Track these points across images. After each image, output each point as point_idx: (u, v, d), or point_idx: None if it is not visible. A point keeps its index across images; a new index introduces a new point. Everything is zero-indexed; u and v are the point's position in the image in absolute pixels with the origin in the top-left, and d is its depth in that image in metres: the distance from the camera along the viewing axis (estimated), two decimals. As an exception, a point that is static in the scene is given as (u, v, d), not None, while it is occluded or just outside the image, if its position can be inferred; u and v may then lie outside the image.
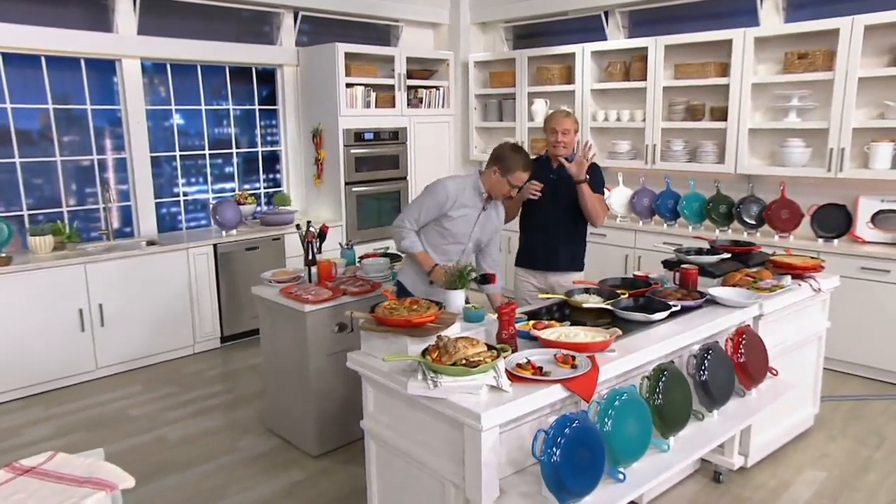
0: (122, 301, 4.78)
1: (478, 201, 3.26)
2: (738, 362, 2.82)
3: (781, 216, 4.90)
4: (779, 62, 4.98)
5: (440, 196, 3.18)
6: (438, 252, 3.28)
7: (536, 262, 3.74)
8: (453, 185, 3.21)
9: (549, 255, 3.70)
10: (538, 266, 3.74)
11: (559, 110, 3.64)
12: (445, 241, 3.26)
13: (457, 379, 2.13)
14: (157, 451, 3.70)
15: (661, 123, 5.57)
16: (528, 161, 3.18)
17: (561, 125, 3.54)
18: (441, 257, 3.27)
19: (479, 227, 3.30)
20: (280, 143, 6.41)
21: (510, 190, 3.20)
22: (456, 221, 3.21)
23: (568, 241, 3.72)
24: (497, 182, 3.20)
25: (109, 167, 5.44)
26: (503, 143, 3.25)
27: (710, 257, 3.51)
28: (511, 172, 3.14)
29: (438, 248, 3.28)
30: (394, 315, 2.43)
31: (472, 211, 3.25)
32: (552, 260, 3.71)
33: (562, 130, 3.53)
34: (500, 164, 3.17)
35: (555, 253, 3.69)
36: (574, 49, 6.05)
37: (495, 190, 3.23)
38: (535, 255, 3.74)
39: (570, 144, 3.59)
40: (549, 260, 3.71)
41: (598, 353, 2.46)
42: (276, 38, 6.18)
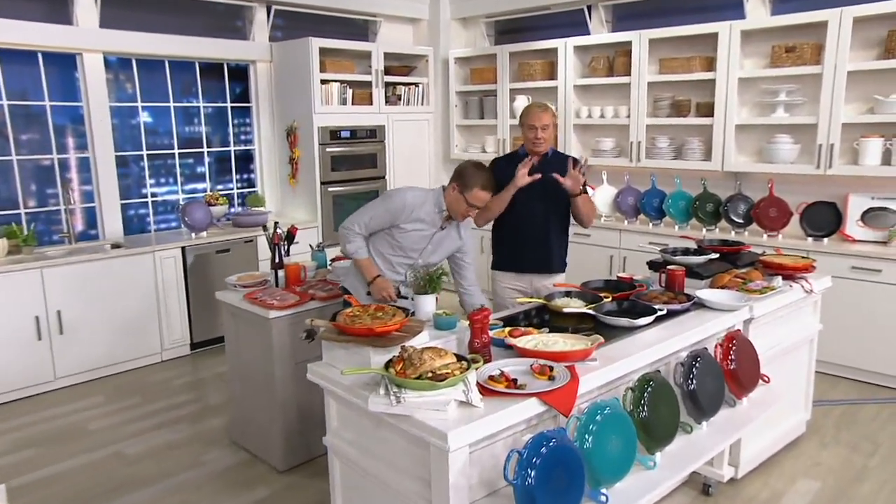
0: (82, 307, 4.54)
1: (436, 218, 3.07)
2: (728, 370, 2.65)
3: (770, 215, 4.76)
4: (766, 56, 4.84)
5: (395, 205, 3.00)
6: (385, 262, 3.13)
7: (525, 265, 3.52)
8: (412, 197, 3.02)
9: (540, 257, 3.49)
10: (527, 269, 3.52)
11: (535, 104, 3.42)
12: (394, 252, 3.10)
13: (422, 394, 1.94)
14: (115, 468, 3.47)
15: (645, 120, 5.42)
16: (489, 180, 2.99)
17: (540, 120, 3.32)
18: (387, 268, 3.12)
19: (434, 246, 3.11)
20: (254, 142, 6.18)
21: (468, 209, 3.01)
22: (408, 235, 3.03)
23: (558, 241, 3.53)
24: (455, 200, 3.00)
25: (72, 167, 5.20)
26: (467, 160, 3.07)
27: (698, 258, 3.34)
28: (469, 190, 2.95)
29: (386, 258, 3.12)
30: (356, 323, 2.23)
31: (428, 227, 3.06)
32: (545, 262, 3.51)
33: (541, 126, 3.32)
34: (459, 180, 2.98)
35: (547, 254, 3.49)
36: (556, 44, 5.88)
37: (453, 208, 3.03)
38: (523, 258, 3.51)
39: (549, 140, 3.40)
40: (540, 262, 3.50)
41: (579, 362, 2.27)
42: (248, 33, 5.96)
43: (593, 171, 5.83)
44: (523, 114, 3.40)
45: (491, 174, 3.02)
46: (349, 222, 3.08)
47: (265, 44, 5.96)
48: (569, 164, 3.30)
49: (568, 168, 3.29)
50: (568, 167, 3.29)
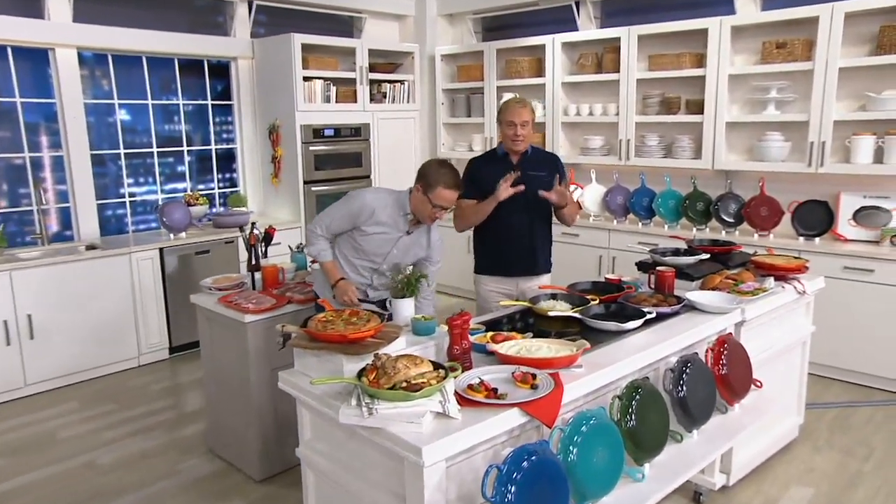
0: (54, 311, 4.39)
1: (400, 222, 2.92)
2: (719, 375, 2.55)
3: (761, 213, 4.67)
4: (756, 52, 4.75)
5: (354, 207, 2.87)
6: (349, 265, 3.01)
7: (511, 268, 3.38)
8: (373, 199, 2.88)
9: (526, 259, 3.37)
10: (512, 272, 3.39)
11: (514, 99, 3.26)
12: (357, 256, 2.98)
13: (396, 405, 1.83)
14: (86, 478, 3.34)
15: (634, 117, 5.32)
16: (453, 179, 2.80)
17: (519, 116, 3.15)
18: (352, 271, 3.01)
19: (399, 251, 2.95)
20: (236, 141, 6.04)
21: (434, 211, 2.82)
22: (370, 238, 2.90)
23: (542, 241, 3.42)
24: (420, 201, 2.84)
25: (46, 166, 5.04)
26: (431, 159, 2.92)
27: (688, 258, 3.24)
28: (432, 189, 2.77)
29: (350, 261, 3.01)
30: (328, 329, 2.11)
31: (391, 231, 2.91)
32: (531, 264, 3.39)
33: (520, 123, 3.15)
34: (422, 180, 2.82)
35: (533, 256, 3.37)
36: (544, 40, 5.78)
37: (419, 210, 2.87)
38: (509, 260, 3.37)
39: (528, 137, 3.24)
40: (526, 264, 3.38)
41: (563, 369, 2.17)
42: (229, 29, 5.82)
43: (582, 169, 5.76)
44: (501, 110, 3.26)
45: (455, 172, 2.85)
46: (313, 224, 3.00)
47: (246, 40, 5.83)
48: (554, 181, 3.18)
49: (553, 184, 3.17)
50: (554, 183, 3.17)
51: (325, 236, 2.97)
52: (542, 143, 5.93)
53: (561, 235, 5.42)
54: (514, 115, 3.15)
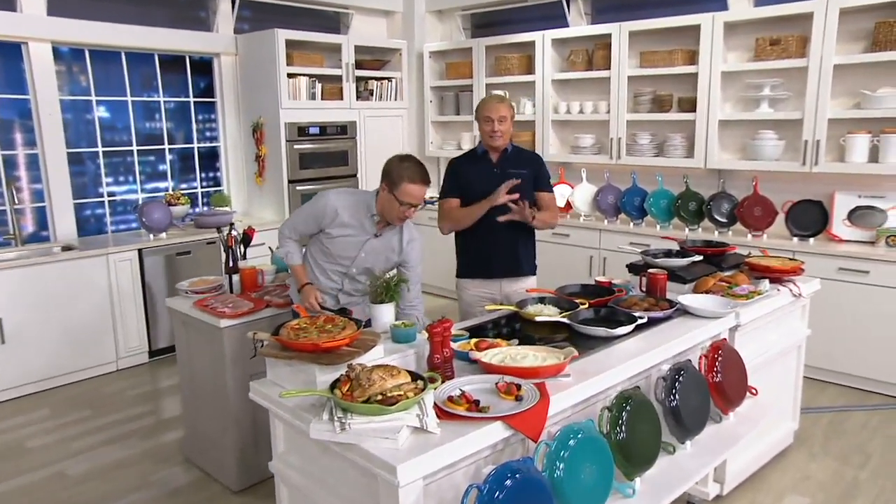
0: (27, 314, 4.24)
1: (367, 224, 2.80)
2: (713, 383, 2.44)
3: (754, 213, 4.58)
4: (749, 49, 4.65)
5: (317, 208, 2.79)
6: (319, 269, 2.92)
7: (493, 271, 3.28)
8: (336, 199, 2.78)
9: (508, 261, 3.26)
10: (496, 274, 3.28)
11: (492, 95, 3.22)
12: (326, 259, 2.88)
13: (370, 419, 1.71)
14: (54, 491, 3.20)
15: (626, 115, 5.22)
16: (418, 173, 2.66)
17: (496, 112, 3.06)
18: (321, 275, 2.91)
19: (368, 254, 2.84)
20: (219, 139, 5.90)
21: (402, 210, 2.68)
22: (335, 241, 2.80)
23: (525, 242, 3.31)
24: (386, 201, 2.71)
25: (21, 164, 4.89)
26: (393, 156, 2.78)
27: (681, 260, 3.13)
28: (397, 187, 2.64)
29: (319, 264, 2.92)
30: (300, 337, 1.99)
31: (358, 233, 2.80)
32: (513, 265, 3.28)
33: (497, 118, 3.06)
34: (386, 178, 2.70)
35: (515, 257, 3.27)
36: (534, 37, 5.67)
37: (387, 211, 2.73)
38: (491, 263, 3.26)
39: (507, 133, 3.14)
40: (509, 266, 3.27)
41: (550, 378, 2.05)
42: (212, 25, 5.68)
43: (572, 168, 5.65)
44: (479, 106, 3.18)
45: (420, 165, 2.71)
46: (283, 226, 2.94)
47: (230, 36, 5.69)
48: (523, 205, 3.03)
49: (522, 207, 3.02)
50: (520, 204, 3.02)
51: (293, 238, 2.90)
52: (532, 141, 5.83)
53: (551, 236, 5.33)
54: (491, 111, 3.06)
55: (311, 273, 2.92)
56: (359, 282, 2.90)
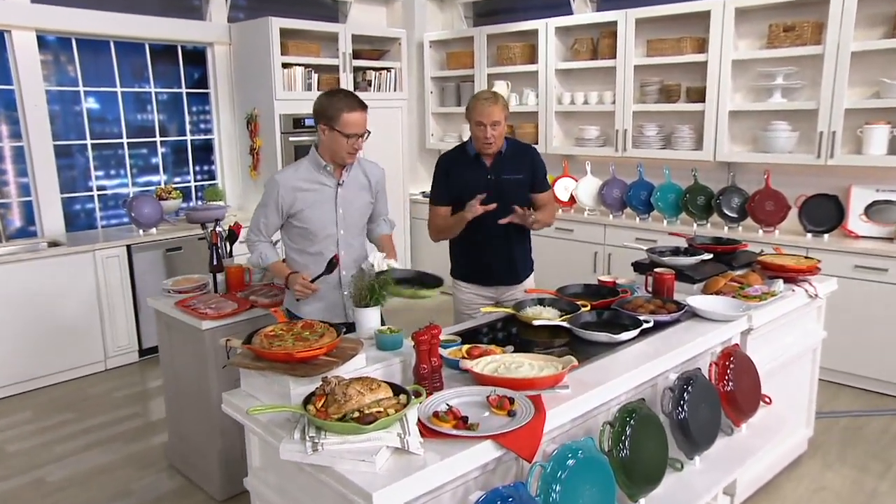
0: (9, 313, 4.10)
1: (325, 178, 2.63)
2: (724, 392, 2.27)
3: (766, 208, 4.39)
4: (762, 36, 4.45)
5: (271, 192, 2.61)
6: (310, 258, 2.69)
7: (489, 278, 3.09)
8: (283, 175, 2.63)
9: (505, 269, 3.08)
10: (493, 281, 3.10)
11: (483, 95, 2.82)
12: (313, 242, 2.68)
13: (345, 439, 1.55)
14: (31, 499, 3.06)
15: (632, 106, 5.02)
16: (353, 100, 2.50)
17: (489, 116, 2.76)
18: (318, 262, 2.63)
19: (345, 208, 2.68)
20: (213, 132, 5.74)
21: (350, 143, 2.51)
22: (307, 215, 2.61)
23: (521, 246, 3.10)
24: (330, 141, 2.54)
25: (6, 157, 4.74)
26: (318, 96, 2.59)
27: (689, 259, 2.96)
28: (337, 121, 2.47)
29: (310, 250, 2.69)
30: (273, 346, 1.82)
31: (323, 190, 2.63)
32: (510, 273, 3.09)
33: (490, 123, 2.77)
34: (322, 119, 2.53)
35: (512, 264, 3.07)
36: (537, 25, 5.47)
37: (335, 150, 2.55)
38: (487, 269, 3.07)
39: (500, 138, 2.86)
40: (507, 272, 3.09)
41: (547, 390, 1.89)
42: (205, 13, 5.51)
43: (577, 161, 5.47)
44: (469, 106, 2.85)
45: (350, 93, 2.55)
46: (247, 232, 2.75)
47: (223, 24, 5.52)
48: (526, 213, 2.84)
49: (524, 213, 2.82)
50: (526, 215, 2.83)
51: (262, 240, 2.72)
52: (535, 133, 5.64)
53: (553, 231, 5.16)
54: (484, 115, 2.77)
55: (309, 270, 2.65)
56: (354, 246, 2.75)
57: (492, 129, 2.79)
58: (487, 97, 2.81)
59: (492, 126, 2.79)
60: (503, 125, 2.83)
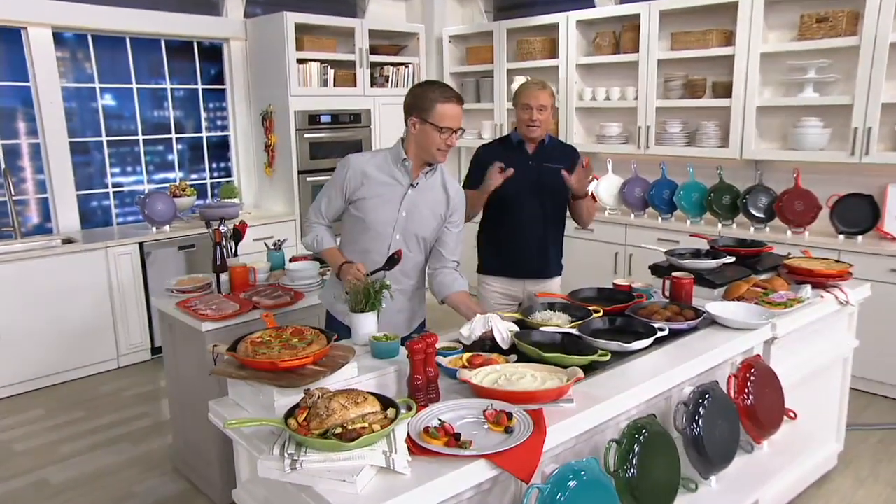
0: (22, 310, 4.09)
1: (399, 174, 2.43)
2: (744, 406, 2.12)
3: (795, 208, 4.19)
4: (793, 27, 4.24)
5: (340, 175, 2.43)
6: (358, 252, 2.49)
7: (520, 269, 3.03)
8: (360, 158, 2.46)
9: (536, 261, 3.03)
10: (522, 274, 3.04)
11: (532, 81, 2.93)
12: (365, 234, 2.47)
13: (327, 456, 1.44)
14: (32, 500, 3.03)
15: (655, 102, 4.85)
16: (449, 90, 2.34)
17: (536, 100, 2.82)
18: (362, 260, 2.43)
19: (409, 212, 2.44)
20: (229, 128, 5.70)
21: (444, 138, 2.31)
22: (368, 205, 2.41)
23: (554, 240, 3.08)
24: (422, 135, 2.33)
25: (24, 154, 4.75)
26: (412, 86, 2.44)
27: (710, 261, 2.80)
28: (431, 112, 2.29)
29: (359, 245, 2.50)
30: (258, 354, 1.73)
31: (391, 189, 2.42)
32: (541, 266, 3.05)
33: (537, 106, 2.82)
34: (415, 111, 2.33)
35: (544, 257, 3.04)
36: (558, 18, 5.32)
37: (426, 146, 2.35)
38: (518, 261, 3.02)
39: (545, 124, 2.90)
40: (536, 266, 3.04)
41: (550, 404, 1.76)
42: (221, 9, 5.46)
43: (598, 158, 5.30)
44: (517, 92, 2.93)
45: (444, 85, 2.39)
46: (309, 210, 2.60)
47: (240, 20, 5.47)
48: (579, 162, 2.81)
49: (578, 164, 2.80)
50: (578, 164, 2.81)
51: (321, 223, 2.55)
52: (556, 130, 5.49)
53: (573, 230, 4.97)
54: (531, 98, 2.82)
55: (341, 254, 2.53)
56: (408, 257, 2.49)
57: (537, 112, 2.83)
58: (537, 83, 2.89)
59: (538, 109, 2.83)
60: (549, 113, 2.87)
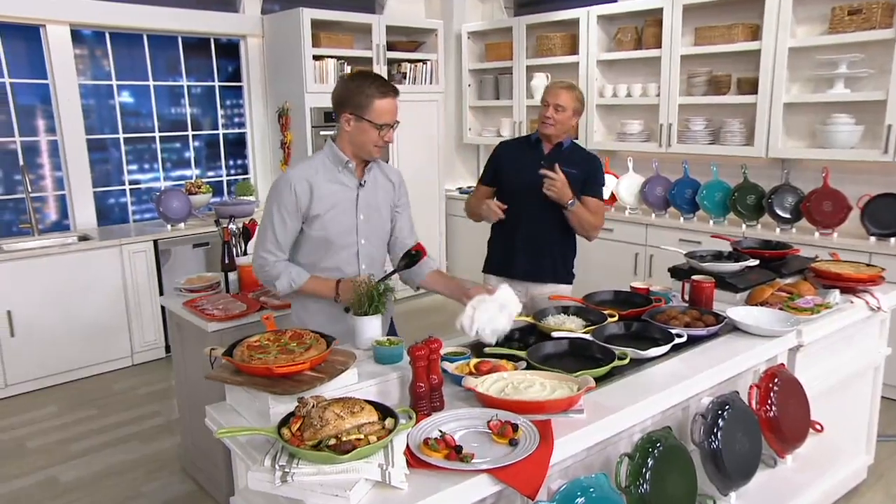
0: (37, 307, 4.10)
1: (345, 177, 2.26)
2: (766, 418, 2.01)
3: (823, 209, 4.03)
4: (824, 20, 4.08)
5: (283, 194, 2.18)
6: (328, 271, 2.31)
7: (516, 270, 2.96)
8: (297, 172, 2.21)
9: (533, 262, 2.95)
10: (517, 275, 2.96)
11: (560, 81, 2.92)
12: (329, 251, 2.28)
13: (319, 468, 1.38)
14: (40, 499, 3.01)
15: (678, 99, 4.71)
16: (384, 83, 2.17)
17: (555, 98, 2.80)
18: (335, 276, 2.30)
19: (366, 213, 2.31)
20: (246, 126, 5.68)
21: (381, 135, 2.17)
22: (325, 218, 2.22)
23: (559, 245, 2.97)
24: (356, 131, 2.17)
25: (43, 151, 4.77)
26: (340, 77, 2.30)
27: (732, 265, 2.68)
28: (367, 109, 2.13)
29: (326, 263, 2.30)
30: (253, 359, 1.67)
31: (343, 192, 2.26)
32: (536, 268, 2.96)
33: (554, 104, 2.80)
34: (348, 107, 2.15)
35: (540, 259, 2.94)
36: (578, 13, 5.20)
37: (361, 145, 2.20)
38: (515, 261, 2.96)
39: (562, 124, 2.83)
40: (533, 268, 2.96)
41: (559, 414, 1.68)
42: (238, 5, 5.44)
43: (619, 157, 5.18)
44: (545, 89, 2.91)
45: (378, 77, 2.22)
46: (257, 255, 2.26)
47: (256, 16, 5.44)
48: (555, 168, 2.73)
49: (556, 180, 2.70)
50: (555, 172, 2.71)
51: (280, 258, 2.26)
52: (575, 128, 5.36)
53: (592, 230, 4.90)
54: (550, 95, 2.82)
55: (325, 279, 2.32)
56: (377, 259, 2.41)
57: (554, 110, 2.80)
58: (563, 83, 2.87)
59: (555, 107, 2.80)
60: (569, 113, 2.82)
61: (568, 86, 2.85)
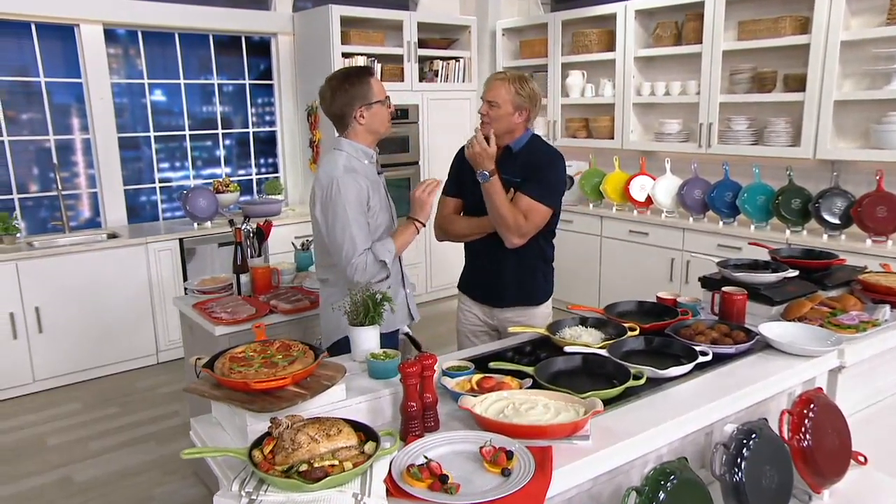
0: (64, 303, 4.14)
1: (370, 169, 2.39)
2: (799, 449, 1.82)
3: (876, 214, 3.75)
4: (881, 11, 3.80)
5: (350, 192, 2.22)
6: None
7: (477, 292, 2.67)
8: (346, 172, 2.25)
9: (491, 283, 2.59)
10: (477, 297, 2.66)
11: (499, 72, 2.47)
12: (377, 240, 2.35)
13: (289, 497, 1.27)
14: (54, 499, 3.01)
15: (719, 97, 4.47)
16: (363, 69, 2.37)
17: (488, 92, 2.41)
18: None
19: (391, 198, 2.51)
20: (276, 124, 5.66)
21: (387, 106, 2.35)
22: (376, 210, 2.34)
23: (518, 263, 2.53)
24: (372, 118, 2.31)
25: (77, 149, 4.83)
26: (329, 95, 2.29)
27: (768, 275, 2.48)
28: (370, 93, 2.29)
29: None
30: (233, 372, 1.57)
31: (377, 185, 2.39)
32: (494, 290, 2.60)
33: (488, 100, 2.41)
34: (356, 103, 2.28)
35: (499, 276, 2.56)
36: (615, 8, 5.00)
37: (376, 128, 2.35)
38: (476, 281, 2.67)
39: (500, 122, 2.39)
40: (489, 290, 2.61)
41: (562, 440, 1.53)
42: (269, 3, 5.41)
43: (656, 157, 4.97)
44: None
45: (355, 66, 2.44)
46: (351, 252, 2.23)
47: (288, 14, 5.41)
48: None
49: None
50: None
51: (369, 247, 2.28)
52: (611, 127, 5.19)
53: (626, 233, 4.73)
54: (485, 91, 2.44)
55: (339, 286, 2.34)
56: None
57: (488, 106, 2.40)
58: (501, 74, 2.44)
59: (489, 104, 2.40)
60: (507, 111, 2.38)
61: (506, 77, 2.40)
